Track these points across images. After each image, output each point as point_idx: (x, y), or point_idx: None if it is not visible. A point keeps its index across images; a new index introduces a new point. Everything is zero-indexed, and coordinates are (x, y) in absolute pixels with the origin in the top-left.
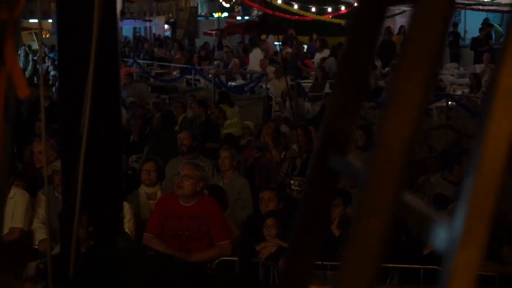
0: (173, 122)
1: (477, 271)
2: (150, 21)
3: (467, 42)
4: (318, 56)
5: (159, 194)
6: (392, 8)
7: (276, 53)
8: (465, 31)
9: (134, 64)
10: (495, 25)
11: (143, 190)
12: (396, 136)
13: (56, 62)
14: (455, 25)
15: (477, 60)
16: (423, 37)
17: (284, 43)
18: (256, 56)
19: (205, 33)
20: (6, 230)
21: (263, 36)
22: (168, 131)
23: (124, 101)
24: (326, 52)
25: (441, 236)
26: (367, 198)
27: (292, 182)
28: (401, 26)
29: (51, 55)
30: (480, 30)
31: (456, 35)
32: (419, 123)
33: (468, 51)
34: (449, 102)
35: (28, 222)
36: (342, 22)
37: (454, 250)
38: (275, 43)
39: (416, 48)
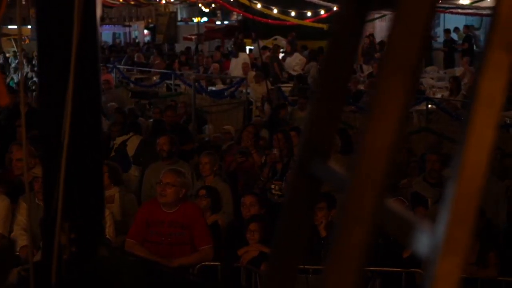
0: (164, 129)
1: (460, 277)
2: (129, 26)
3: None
4: (289, 61)
5: (117, 197)
6: (372, 12)
7: (256, 57)
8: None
9: (114, 69)
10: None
11: None
12: (379, 143)
13: (35, 68)
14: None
15: (449, 62)
16: (404, 42)
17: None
18: (244, 59)
19: (185, 38)
20: None
21: (249, 42)
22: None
23: (104, 107)
24: (296, 56)
25: (423, 242)
26: (351, 206)
27: (273, 186)
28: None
29: None
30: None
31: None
32: (402, 129)
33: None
34: (429, 105)
35: (8, 228)
36: (325, 26)
37: (436, 256)
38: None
39: (397, 54)
